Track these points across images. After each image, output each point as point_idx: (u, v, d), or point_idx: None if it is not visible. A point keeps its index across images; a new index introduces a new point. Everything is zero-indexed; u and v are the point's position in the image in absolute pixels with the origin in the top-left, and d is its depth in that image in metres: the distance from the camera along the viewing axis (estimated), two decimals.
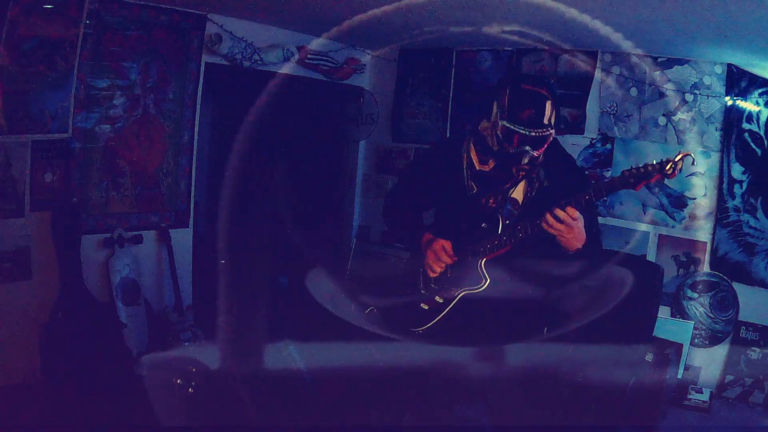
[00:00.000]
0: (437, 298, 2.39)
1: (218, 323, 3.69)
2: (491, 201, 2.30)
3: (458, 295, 2.33)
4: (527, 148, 2.13)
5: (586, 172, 3.97)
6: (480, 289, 2.30)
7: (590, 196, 2.05)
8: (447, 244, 2.34)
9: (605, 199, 2.77)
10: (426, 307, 2.40)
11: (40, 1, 3.06)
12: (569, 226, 2.08)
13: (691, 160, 1.97)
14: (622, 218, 4.03)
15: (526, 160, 2.16)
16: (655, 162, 1.98)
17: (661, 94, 3.87)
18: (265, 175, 4.58)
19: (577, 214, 2.08)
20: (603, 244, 2.54)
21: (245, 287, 3.92)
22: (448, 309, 2.34)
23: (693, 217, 3.86)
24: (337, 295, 4.67)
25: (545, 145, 2.17)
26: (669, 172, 1.95)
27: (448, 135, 4.62)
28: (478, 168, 2.33)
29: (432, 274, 2.38)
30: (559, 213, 2.08)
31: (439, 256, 2.34)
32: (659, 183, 3.48)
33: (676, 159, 1.95)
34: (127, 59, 3.48)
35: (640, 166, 2.00)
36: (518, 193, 2.29)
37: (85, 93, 3.34)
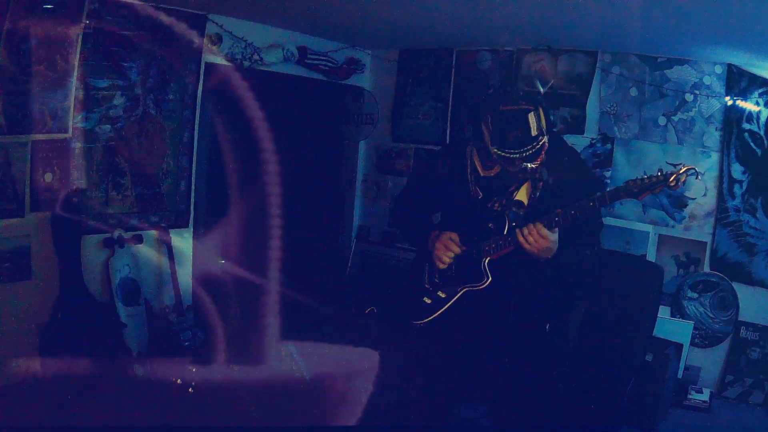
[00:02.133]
0: (440, 293, 2.44)
1: (218, 323, 3.69)
2: (497, 205, 2.34)
3: (461, 291, 2.37)
4: (524, 164, 2.20)
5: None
6: (482, 286, 2.34)
7: (594, 204, 2.13)
8: (454, 236, 2.40)
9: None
10: (429, 301, 2.45)
11: (40, 1, 3.06)
12: (536, 243, 2.18)
13: (695, 174, 2.04)
14: (622, 218, 4.03)
15: (529, 167, 2.22)
16: (659, 174, 2.05)
17: (661, 94, 3.87)
18: (265, 174, 4.57)
19: (545, 232, 2.16)
20: (603, 243, 2.54)
21: (245, 287, 3.92)
22: (449, 304, 2.39)
23: (693, 217, 3.86)
24: (337, 294, 4.67)
25: (542, 153, 2.22)
26: (672, 184, 2.02)
27: (448, 136, 4.63)
28: (482, 174, 2.38)
29: (441, 266, 2.43)
30: (524, 231, 2.19)
31: (448, 246, 2.39)
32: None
33: (680, 172, 2.02)
34: (127, 59, 3.48)
35: (645, 177, 2.07)
36: (522, 194, 2.33)
37: (85, 93, 3.33)
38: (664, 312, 3.86)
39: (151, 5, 3.49)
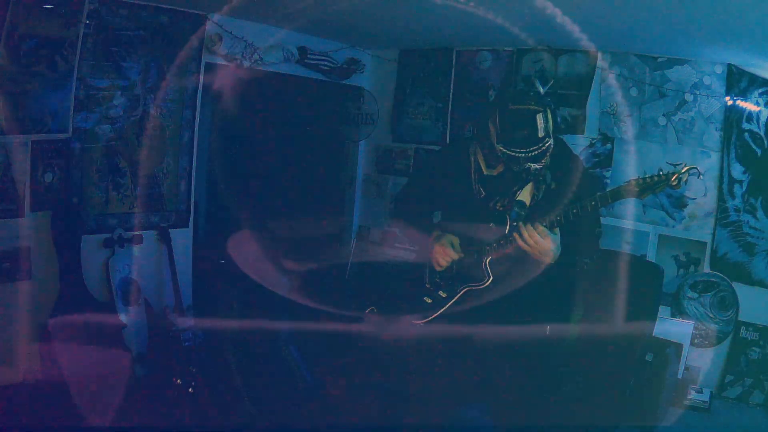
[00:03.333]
0: (441, 293, 2.44)
1: (218, 323, 3.69)
2: (498, 205, 2.34)
3: (461, 290, 2.38)
4: (528, 164, 2.20)
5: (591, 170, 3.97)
6: (482, 286, 2.35)
7: (596, 203, 2.13)
8: (455, 240, 2.40)
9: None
10: (429, 301, 2.45)
11: (40, 1, 3.06)
12: (535, 244, 2.18)
13: (697, 173, 2.04)
14: (622, 218, 4.03)
15: (532, 168, 2.22)
16: (661, 174, 2.05)
17: (661, 94, 3.87)
18: (265, 174, 4.58)
19: (543, 231, 2.16)
20: (603, 243, 2.54)
21: (245, 287, 3.92)
22: (450, 303, 2.39)
23: (693, 217, 3.86)
24: (336, 293, 4.67)
25: (547, 155, 2.22)
26: (674, 184, 2.03)
27: (448, 136, 4.62)
28: (485, 173, 2.38)
29: (438, 268, 2.43)
30: (523, 232, 2.19)
31: (447, 251, 2.39)
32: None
33: (682, 171, 2.02)
34: (127, 59, 3.48)
35: (647, 177, 2.07)
36: (525, 195, 2.33)
37: (85, 93, 3.33)
38: (664, 312, 3.86)
39: (152, 5, 3.50)
